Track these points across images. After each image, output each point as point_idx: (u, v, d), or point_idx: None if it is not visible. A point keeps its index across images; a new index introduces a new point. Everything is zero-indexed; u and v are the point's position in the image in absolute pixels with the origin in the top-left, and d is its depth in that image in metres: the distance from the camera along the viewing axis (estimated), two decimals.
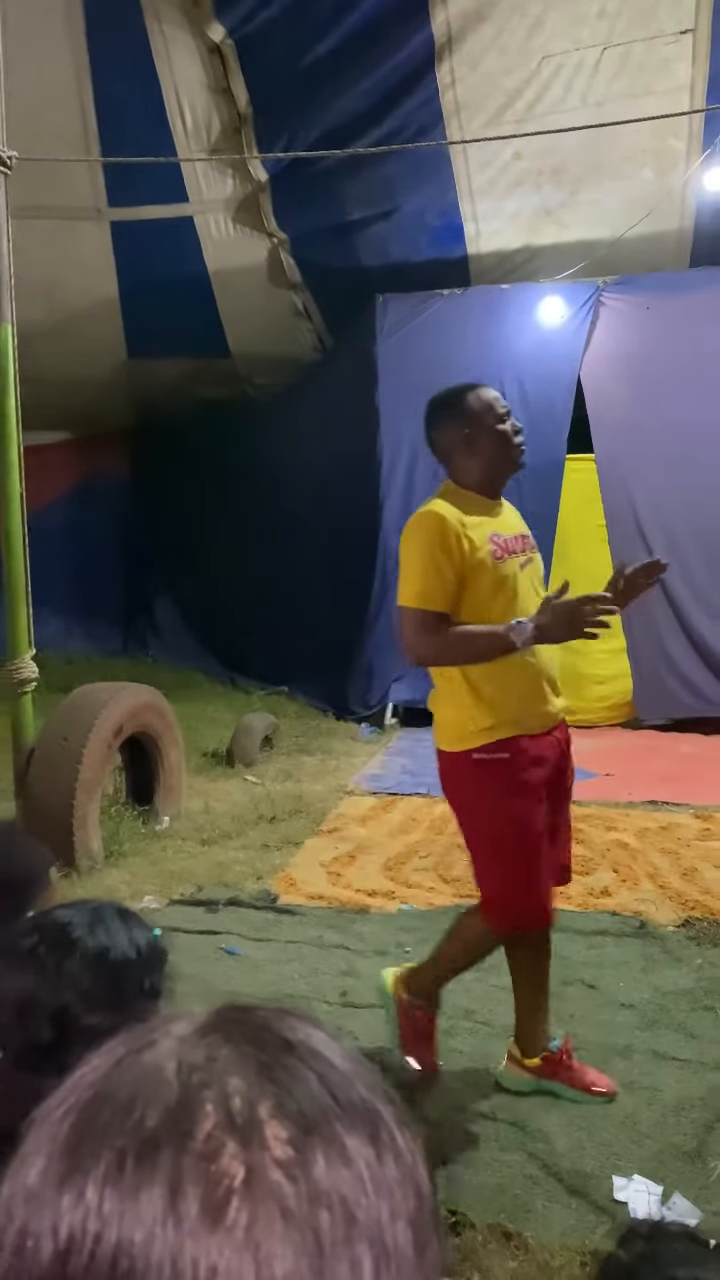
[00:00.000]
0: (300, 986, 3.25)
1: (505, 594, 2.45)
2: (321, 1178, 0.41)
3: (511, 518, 2.61)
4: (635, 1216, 2.18)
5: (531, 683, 2.49)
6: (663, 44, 5.94)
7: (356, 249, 7.37)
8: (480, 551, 2.42)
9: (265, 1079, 0.44)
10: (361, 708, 7.01)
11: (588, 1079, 2.64)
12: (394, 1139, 0.46)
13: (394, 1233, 0.43)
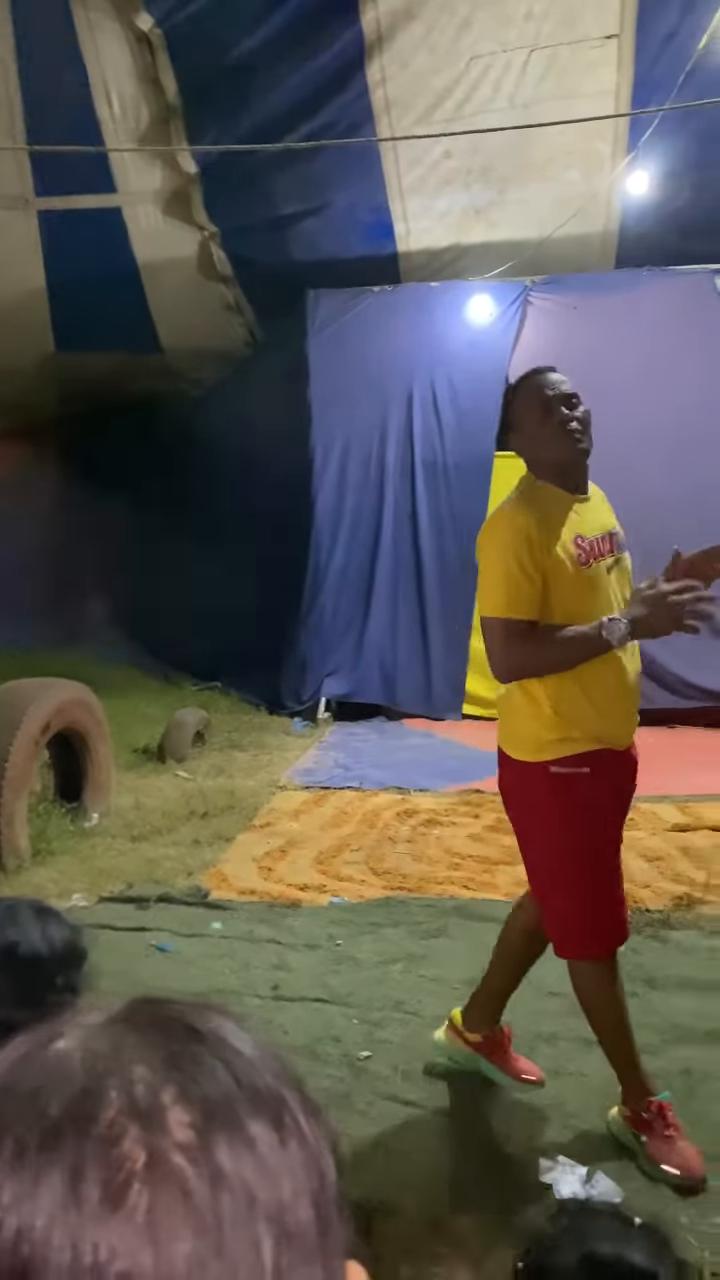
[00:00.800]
0: (231, 981, 3.26)
1: (595, 601, 2.26)
2: (223, 1161, 0.42)
3: (598, 514, 2.38)
4: (560, 1196, 2.24)
5: (620, 691, 2.31)
6: (589, 48, 6.04)
7: (287, 244, 7.36)
8: (563, 555, 2.24)
9: (170, 1067, 0.45)
10: (295, 702, 7.02)
11: (519, 1066, 2.68)
12: (298, 1125, 0.47)
13: (295, 1214, 0.44)
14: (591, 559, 2.27)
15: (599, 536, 2.32)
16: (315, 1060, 2.80)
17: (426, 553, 7.12)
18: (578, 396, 2.34)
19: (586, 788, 2.28)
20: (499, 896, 3.86)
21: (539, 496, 2.32)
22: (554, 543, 2.23)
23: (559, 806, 2.31)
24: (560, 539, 2.25)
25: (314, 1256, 0.44)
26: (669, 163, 6.51)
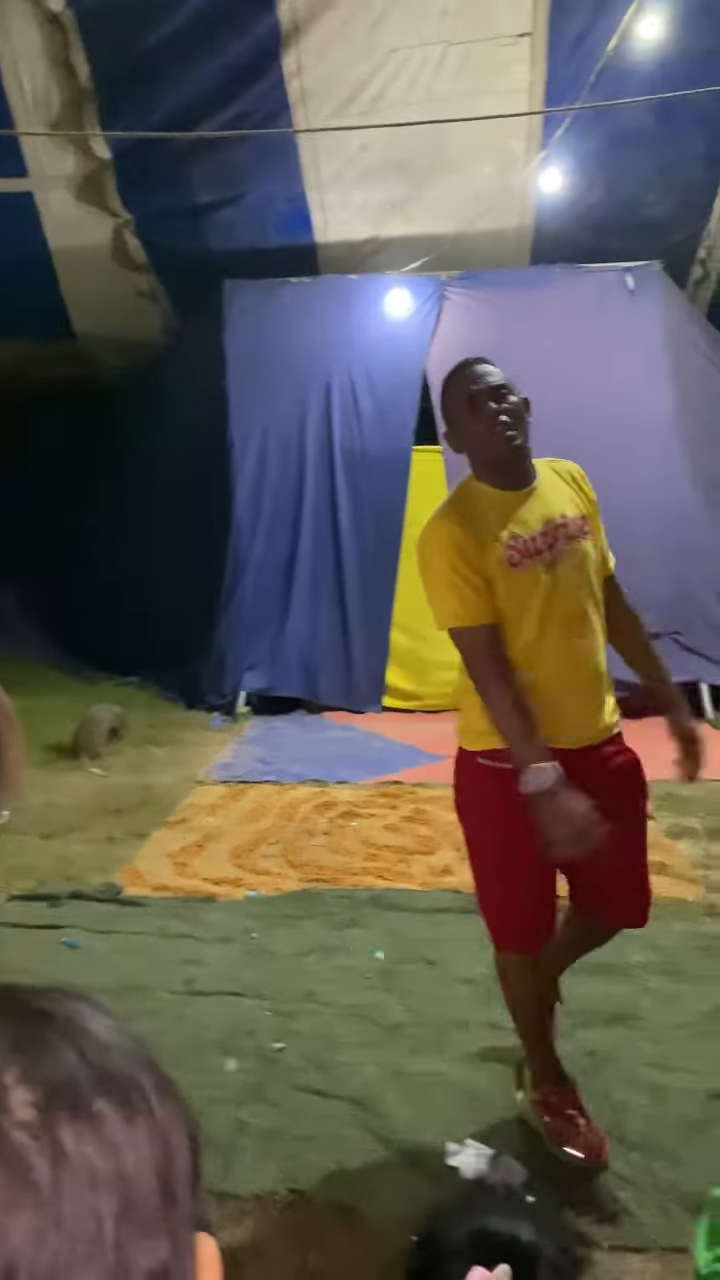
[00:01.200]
0: (144, 977, 3.22)
1: (527, 603, 2.20)
2: (65, 1138, 0.44)
3: (546, 504, 2.26)
4: (465, 1179, 2.27)
5: (566, 688, 2.23)
6: (502, 45, 6.09)
7: (204, 233, 7.30)
8: (493, 558, 2.19)
9: (16, 1049, 0.46)
10: (214, 697, 6.97)
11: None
12: (148, 1103, 0.48)
13: (139, 1188, 0.45)
14: (524, 559, 2.20)
15: (539, 532, 2.22)
16: (228, 1053, 2.79)
17: (346, 545, 7.12)
18: (508, 387, 2.25)
19: (507, 784, 2.16)
20: (414, 886, 3.90)
21: (469, 497, 2.28)
22: (484, 545, 2.19)
23: (482, 798, 2.31)
24: (490, 541, 2.20)
25: (158, 1228, 0.45)
26: (581, 162, 6.61)
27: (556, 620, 2.22)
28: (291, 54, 6.22)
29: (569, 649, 2.24)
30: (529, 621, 2.21)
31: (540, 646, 2.23)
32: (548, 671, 2.22)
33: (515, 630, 2.22)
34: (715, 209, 6.98)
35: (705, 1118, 2.47)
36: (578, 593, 2.25)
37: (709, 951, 3.30)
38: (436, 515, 2.28)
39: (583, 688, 2.27)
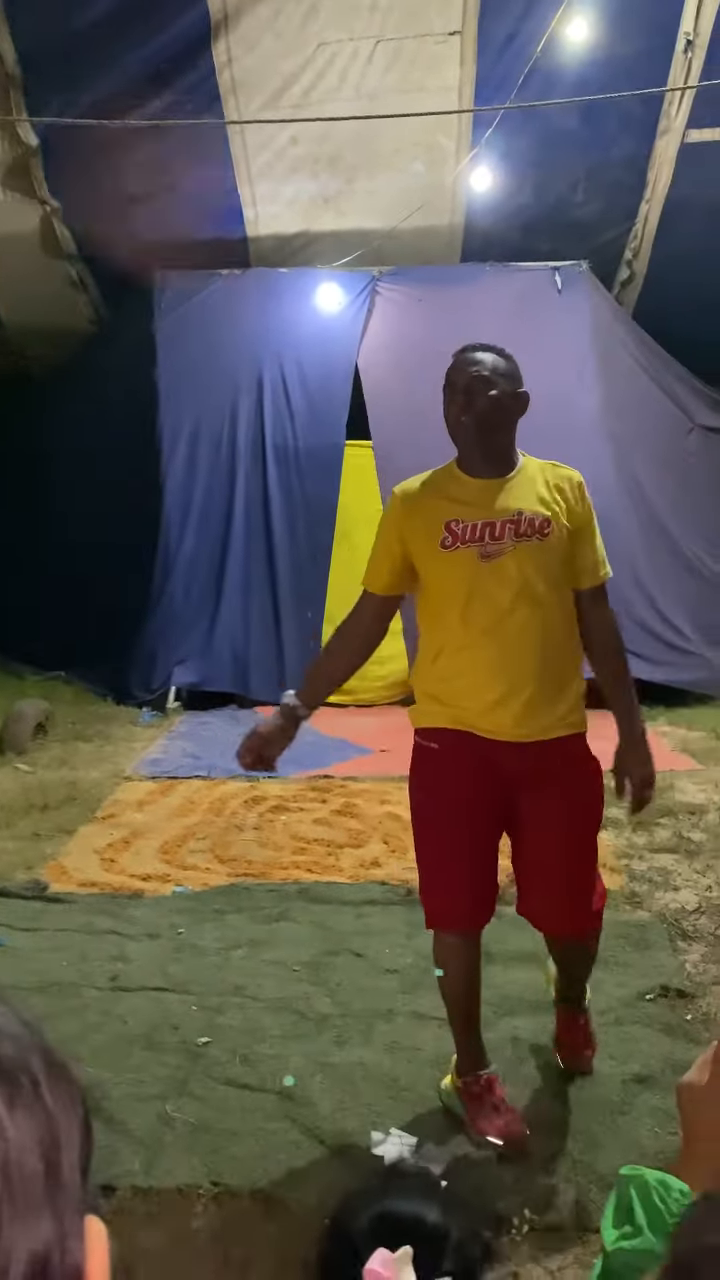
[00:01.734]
0: (69, 973, 3.19)
1: (445, 586, 2.27)
2: None
3: (513, 496, 2.29)
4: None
5: (477, 678, 2.27)
6: (433, 43, 6.12)
7: (134, 222, 7.21)
8: (429, 536, 2.26)
9: None
10: (143, 692, 6.90)
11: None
12: (36, 1089, 0.49)
13: (21, 1168, 0.46)
14: (459, 543, 2.24)
15: (483, 521, 2.24)
16: (152, 1049, 2.78)
17: (278, 538, 7.10)
18: (489, 380, 2.27)
19: (433, 764, 2.31)
20: (342, 879, 3.92)
21: (439, 476, 2.36)
22: (427, 524, 2.27)
23: (417, 773, 2.38)
24: (432, 520, 2.27)
25: (41, 1208, 0.46)
26: (511, 161, 6.67)
27: (483, 610, 2.24)
28: (222, 44, 6.17)
29: (491, 641, 2.25)
30: (455, 604, 2.26)
31: (463, 630, 2.27)
32: (466, 656, 2.27)
33: (441, 609, 2.29)
34: (641, 211, 7.10)
35: (623, 1101, 2.53)
36: (515, 588, 2.24)
37: (629, 940, 3.37)
38: (407, 481, 2.39)
39: (499, 684, 2.25)
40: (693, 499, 7.31)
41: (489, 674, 2.26)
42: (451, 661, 2.29)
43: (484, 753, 2.27)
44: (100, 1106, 2.48)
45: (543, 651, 2.27)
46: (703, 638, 6.98)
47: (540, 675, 2.27)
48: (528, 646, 2.26)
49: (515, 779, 2.29)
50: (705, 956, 3.25)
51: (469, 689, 2.27)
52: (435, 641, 2.34)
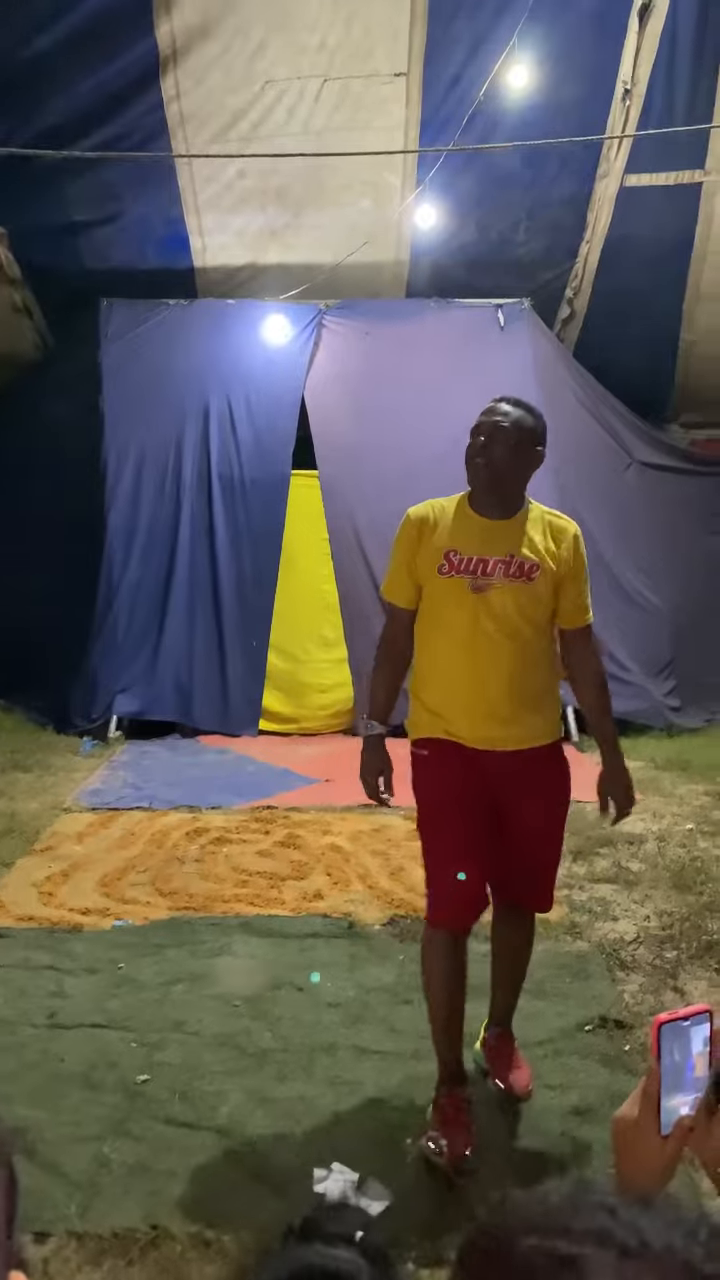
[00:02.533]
0: (4, 1010, 3.13)
1: (439, 609, 2.51)
2: None
3: (510, 538, 2.49)
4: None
5: (456, 690, 2.51)
6: (379, 83, 6.24)
7: (80, 250, 7.21)
8: (431, 560, 2.51)
9: None
10: (84, 720, 6.82)
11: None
12: None
13: None
14: (455, 572, 2.48)
15: (478, 557, 2.47)
16: (90, 1088, 2.74)
17: (223, 568, 7.09)
18: (507, 431, 2.47)
19: (426, 769, 2.57)
20: (285, 912, 3.90)
21: (451, 505, 2.57)
22: (432, 547, 2.51)
23: (413, 782, 2.61)
24: (436, 546, 2.50)
25: None
26: (455, 200, 6.80)
27: (468, 635, 2.48)
28: (170, 78, 6.23)
29: (474, 663, 2.49)
30: (445, 626, 2.52)
31: (451, 650, 2.52)
32: (452, 673, 2.52)
33: (434, 628, 2.55)
34: (582, 251, 7.28)
35: (563, 1133, 2.54)
36: (498, 620, 2.47)
37: (568, 970, 3.40)
38: (421, 505, 2.61)
39: (479, 701, 2.49)
40: (631, 533, 7.46)
41: (469, 691, 2.50)
42: (440, 676, 2.54)
43: (468, 757, 2.53)
44: (35, 1149, 2.43)
45: (519, 677, 2.50)
46: (641, 669, 7.10)
47: (513, 697, 2.50)
48: (504, 671, 2.49)
49: (497, 780, 2.53)
50: (643, 987, 3.28)
51: (451, 701, 2.52)
52: (428, 656, 2.59)
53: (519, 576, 2.47)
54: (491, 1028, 2.82)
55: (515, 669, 2.49)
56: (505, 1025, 2.81)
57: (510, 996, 2.80)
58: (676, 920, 3.78)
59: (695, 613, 7.53)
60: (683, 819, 5.03)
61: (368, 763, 2.65)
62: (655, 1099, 0.95)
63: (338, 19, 6.00)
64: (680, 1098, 0.95)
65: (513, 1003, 2.81)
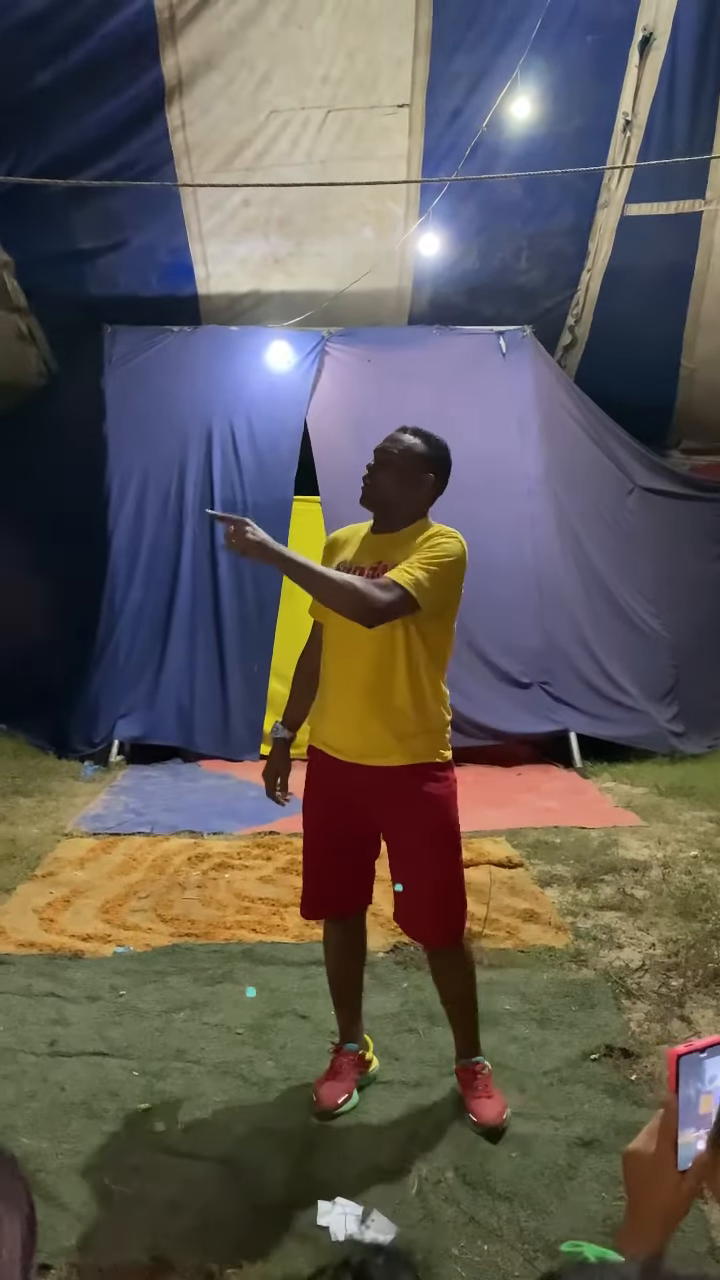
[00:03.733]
0: (5, 1038, 3.10)
1: (326, 617, 2.64)
2: None
3: (378, 550, 2.60)
4: (335, 1239, 2.25)
5: (327, 705, 2.66)
6: (382, 114, 6.31)
7: (85, 277, 7.27)
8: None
9: None
10: (85, 745, 6.81)
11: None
12: None
13: None
14: None
15: (360, 566, 2.60)
16: (91, 1117, 2.71)
17: (225, 592, 7.10)
18: (383, 454, 2.65)
19: (308, 776, 2.72)
20: (287, 939, 3.87)
21: (359, 527, 2.73)
22: (331, 560, 2.68)
23: (305, 783, 2.74)
24: (334, 559, 2.68)
25: None
26: (457, 228, 6.87)
27: (337, 644, 2.61)
28: (176, 108, 6.30)
29: (340, 672, 2.62)
30: (328, 634, 2.66)
31: (327, 656, 2.68)
32: (326, 682, 2.68)
33: (324, 638, 2.69)
34: (583, 279, 7.34)
35: (570, 1164, 2.51)
36: (356, 629, 2.50)
37: (574, 998, 3.37)
38: (345, 527, 2.80)
39: (346, 704, 2.60)
40: (633, 558, 7.48)
41: (341, 697, 2.61)
42: (323, 683, 2.69)
43: (337, 771, 2.63)
44: (36, 1179, 2.40)
45: (377, 689, 2.56)
46: (644, 694, 7.10)
47: (371, 706, 2.56)
48: (362, 682, 2.57)
49: (365, 796, 2.61)
50: (649, 1015, 3.25)
51: (323, 709, 2.67)
52: (322, 665, 2.71)
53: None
54: (457, 1060, 2.80)
55: (373, 680, 2.55)
56: (469, 1057, 2.77)
57: (458, 1029, 2.79)
58: (682, 948, 3.75)
59: (698, 638, 7.53)
60: (687, 845, 5.01)
61: (268, 764, 2.82)
62: (672, 1134, 0.94)
63: (341, 51, 6.08)
64: (697, 1132, 0.94)
65: (465, 1038, 2.78)
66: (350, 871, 2.75)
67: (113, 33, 5.90)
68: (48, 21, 5.81)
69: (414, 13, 5.93)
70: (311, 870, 2.77)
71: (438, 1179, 2.45)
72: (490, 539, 6.24)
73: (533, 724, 6.77)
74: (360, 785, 2.60)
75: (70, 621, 7.01)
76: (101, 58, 6.04)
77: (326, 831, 2.71)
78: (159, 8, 5.82)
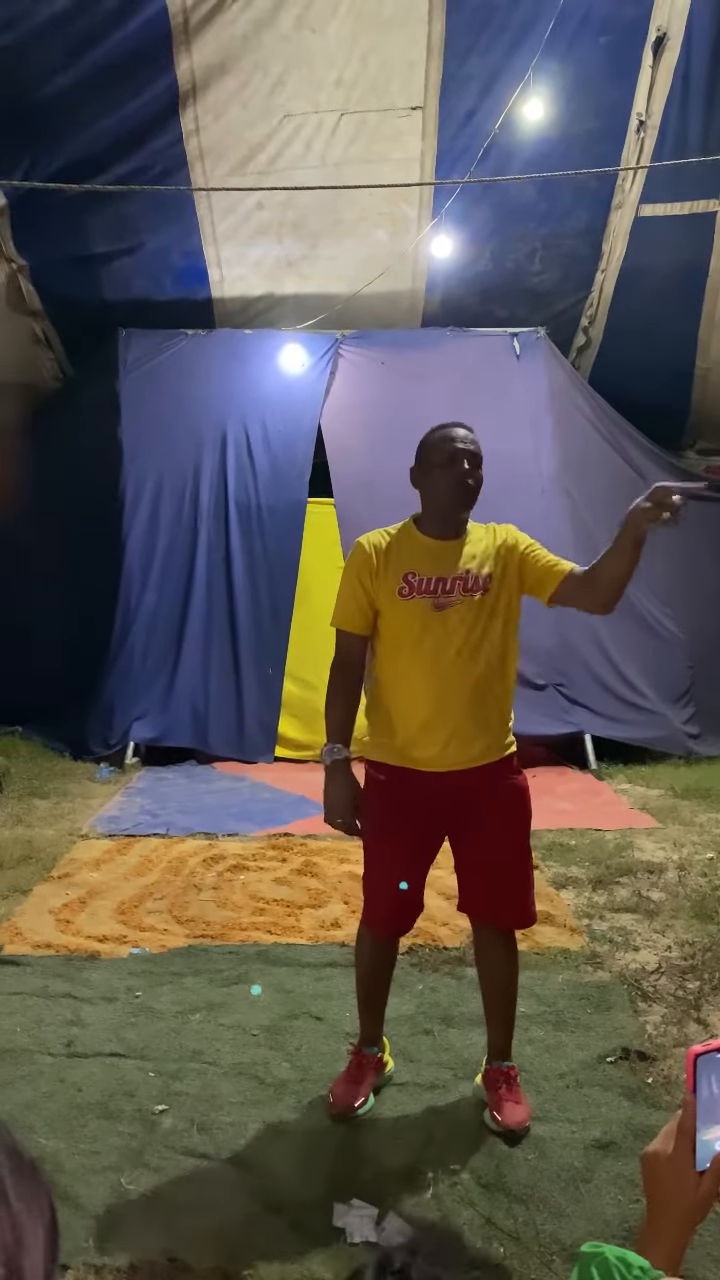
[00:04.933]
0: (22, 1039, 3.12)
1: (407, 631, 2.54)
2: None
3: (454, 557, 2.55)
4: (351, 1241, 2.25)
5: (428, 709, 2.54)
6: (395, 117, 6.32)
7: (99, 281, 7.30)
8: (389, 585, 2.55)
9: None
10: (101, 747, 6.83)
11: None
12: (2, 1191, 0.50)
13: None
14: (412, 593, 2.53)
15: (435, 576, 2.53)
16: (108, 1118, 2.71)
17: (240, 595, 7.12)
18: (475, 459, 2.57)
19: (377, 790, 2.62)
20: (302, 940, 3.87)
21: (400, 533, 2.63)
22: (388, 575, 2.55)
23: (364, 799, 2.65)
24: (393, 573, 2.55)
25: None
26: (470, 230, 6.87)
27: (431, 651, 2.52)
28: (190, 113, 6.33)
29: (436, 682, 2.52)
30: (409, 647, 2.54)
31: (414, 670, 2.55)
32: (414, 694, 2.55)
33: (395, 651, 2.57)
34: (597, 280, 7.33)
35: (586, 1168, 2.50)
36: (459, 633, 2.52)
37: (590, 1001, 3.36)
38: (371, 533, 2.65)
39: (447, 715, 2.53)
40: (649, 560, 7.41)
41: (427, 707, 2.54)
42: (401, 698, 2.57)
43: (419, 784, 2.57)
44: (53, 1180, 2.41)
45: (476, 690, 2.54)
46: (660, 696, 7.07)
47: (471, 710, 2.54)
48: (463, 685, 2.53)
49: (449, 803, 2.59)
50: (665, 1018, 3.24)
51: (406, 719, 2.56)
52: (389, 679, 2.60)
53: (475, 590, 2.54)
54: (490, 1060, 2.79)
55: (476, 685, 2.54)
56: (502, 1060, 2.77)
57: (501, 1028, 2.78)
58: (699, 950, 3.73)
59: (713, 640, 7.50)
60: (703, 847, 4.99)
61: (338, 795, 2.62)
62: (691, 1134, 0.94)
63: (354, 54, 6.09)
64: (717, 1131, 0.94)
65: (506, 1036, 2.77)
66: (421, 884, 2.71)
67: (127, 38, 5.92)
68: (62, 28, 5.84)
69: (427, 15, 5.94)
70: (389, 888, 2.65)
71: (454, 1181, 2.45)
72: None
73: (548, 725, 6.75)
74: (446, 790, 2.57)
75: (86, 624, 7.03)
76: (116, 63, 6.06)
77: (413, 850, 2.64)
78: (173, 12, 5.84)
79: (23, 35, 5.81)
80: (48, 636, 7.12)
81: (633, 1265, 0.90)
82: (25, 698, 7.00)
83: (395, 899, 2.66)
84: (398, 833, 2.62)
